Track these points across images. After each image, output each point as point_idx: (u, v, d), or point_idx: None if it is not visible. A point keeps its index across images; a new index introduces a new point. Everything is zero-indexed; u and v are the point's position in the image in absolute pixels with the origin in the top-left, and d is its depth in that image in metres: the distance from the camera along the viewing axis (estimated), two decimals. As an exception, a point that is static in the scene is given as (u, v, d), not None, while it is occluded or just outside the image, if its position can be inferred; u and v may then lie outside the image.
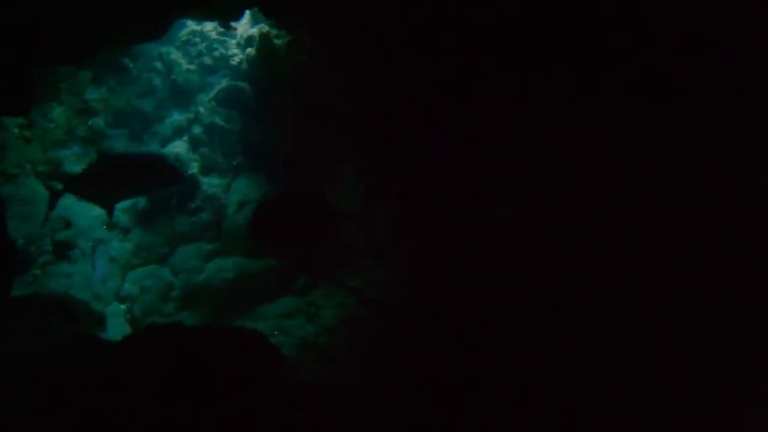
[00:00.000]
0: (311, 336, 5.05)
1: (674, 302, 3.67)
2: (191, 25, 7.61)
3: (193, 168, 6.88)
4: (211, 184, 6.89)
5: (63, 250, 5.39)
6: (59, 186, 5.09)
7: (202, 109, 7.26)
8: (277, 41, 6.90)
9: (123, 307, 5.89)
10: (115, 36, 4.23)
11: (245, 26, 7.56)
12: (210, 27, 7.61)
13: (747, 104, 3.42)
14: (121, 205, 6.65)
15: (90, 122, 6.90)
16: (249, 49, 7.21)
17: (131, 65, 7.30)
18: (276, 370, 2.89)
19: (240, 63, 7.39)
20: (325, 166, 5.81)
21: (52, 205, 4.79)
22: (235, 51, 7.60)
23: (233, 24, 7.17)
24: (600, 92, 3.75)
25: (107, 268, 5.91)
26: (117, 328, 5.62)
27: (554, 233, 4.01)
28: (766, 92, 3.37)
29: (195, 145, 7.11)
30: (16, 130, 5.97)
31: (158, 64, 7.43)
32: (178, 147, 7.04)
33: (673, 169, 3.66)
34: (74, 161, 6.69)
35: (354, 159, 5.38)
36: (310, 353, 4.53)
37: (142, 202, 6.61)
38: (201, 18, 6.71)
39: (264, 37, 6.88)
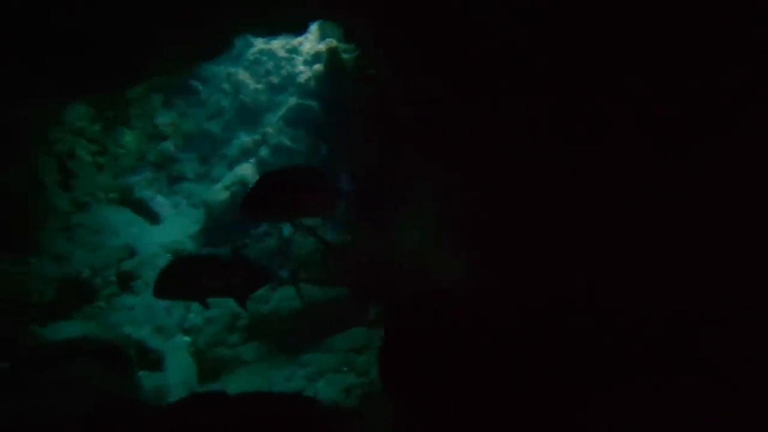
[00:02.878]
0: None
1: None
2: (259, 44, 7.42)
3: (260, 191, 6.59)
4: (278, 207, 6.58)
5: (127, 281, 5.20)
6: None
7: (269, 130, 7.00)
8: (345, 56, 6.51)
9: (187, 339, 5.61)
10: (173, 55, 3.92)
11: (312, 42, 7.26)
12: (278, 45, 7.39)
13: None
14: (188, 231, 6.50)
15: (160, 146, 6.83)
16: (317, 66, 6.88)
17: (200, 87, 7.21)
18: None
19: (308, 80, 7.08)
20: (398, 185, 5.30)
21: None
22: (302, 68, 7.31)
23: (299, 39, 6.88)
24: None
25: (171, 298, 5.68)
26: (180, 362, 5.35)
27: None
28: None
29: (262, 167, 6.83)
30: (90, 158, 5.92)
31: (226, 85, 7.28)
32: (246, 169, 6.78)
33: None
34: (145, 186, 6.63)
35: (429, 177, 4.81)
36: (384, 407, 3.95)
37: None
38: (263, 34, 6.46)
39: (332, 52, 6.51)
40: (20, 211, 4.25)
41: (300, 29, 5.23)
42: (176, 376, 4.90)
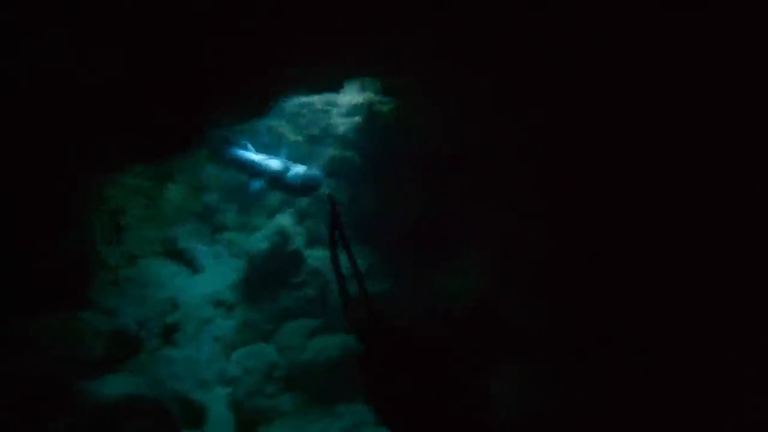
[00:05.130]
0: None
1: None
2: (299, 98, 7.66)
3: (298, 242, 6.69)
4: (315, 257, 6.65)
5: (171, 334, 5.30)
6: None
7: (308, 181, 7.14)
8: (383, 108, 6.67)
9: (227, 390, 5.63)
10: (224, 122, 4.11)
11: (350, 96, 7.46)
12: (316, 98, 7.61)
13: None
14: (227, 281, 6.60)
15: (203, 198, 7.04)
16: (356, 117, 7.05)
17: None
18: None
19: (346, 132, 7.25)
20: (447, 238, 5.30)
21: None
22: (340, 120, 7.49)
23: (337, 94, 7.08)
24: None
25: (212, 349, 5.75)
26: (220, 415, 5.36)
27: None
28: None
29: (300, 217, 6.95)
30: (139, 213, 6.11)
31: (266, 138, 7.51)
32: (284, 219, 6.92)
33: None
34: (188, 237, 6.81)
35: (479, 227, 4.80)
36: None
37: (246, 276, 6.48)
38: (305, 94, 6.68)
39: (370, 105, 6.69)
40: (74, 268, 4.43)
41: (339, 87, 5.43)
42: (216, 430, 4.91)
